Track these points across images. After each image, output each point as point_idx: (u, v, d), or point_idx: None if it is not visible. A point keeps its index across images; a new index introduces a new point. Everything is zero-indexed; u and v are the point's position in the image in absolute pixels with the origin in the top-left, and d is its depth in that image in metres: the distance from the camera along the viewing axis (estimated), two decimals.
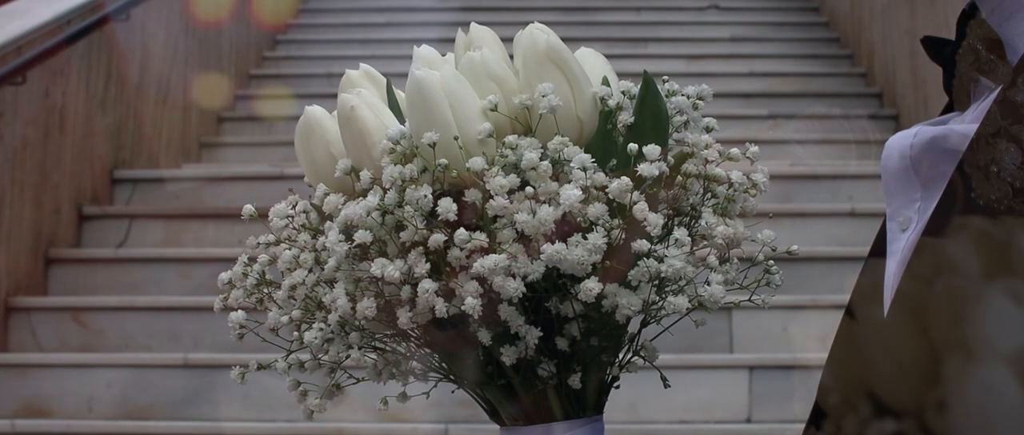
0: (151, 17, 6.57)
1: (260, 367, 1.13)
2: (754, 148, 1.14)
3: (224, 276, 1.14)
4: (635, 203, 0.98)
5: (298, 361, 1.14)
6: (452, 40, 1.23)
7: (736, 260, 1.08)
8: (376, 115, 1.08)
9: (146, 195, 6.26)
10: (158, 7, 6.67)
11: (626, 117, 1.05)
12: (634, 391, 5.14)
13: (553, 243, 0.97)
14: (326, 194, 1.09)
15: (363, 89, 1.11)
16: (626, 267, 1.02)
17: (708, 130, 1.13)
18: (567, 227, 1.00)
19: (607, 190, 0.99)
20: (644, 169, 0.99)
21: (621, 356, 1.12)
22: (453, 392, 1.16)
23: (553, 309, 1.03)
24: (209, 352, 4.97)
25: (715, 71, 8.00)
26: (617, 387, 1.14)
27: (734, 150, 1.11)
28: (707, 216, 1.04)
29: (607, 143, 1.09)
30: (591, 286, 0.97)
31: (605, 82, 1.12)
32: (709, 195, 1.09)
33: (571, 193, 0.97)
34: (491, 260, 0.98)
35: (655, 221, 0.98)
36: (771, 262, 1.10)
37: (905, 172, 1.47)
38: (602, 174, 1.02)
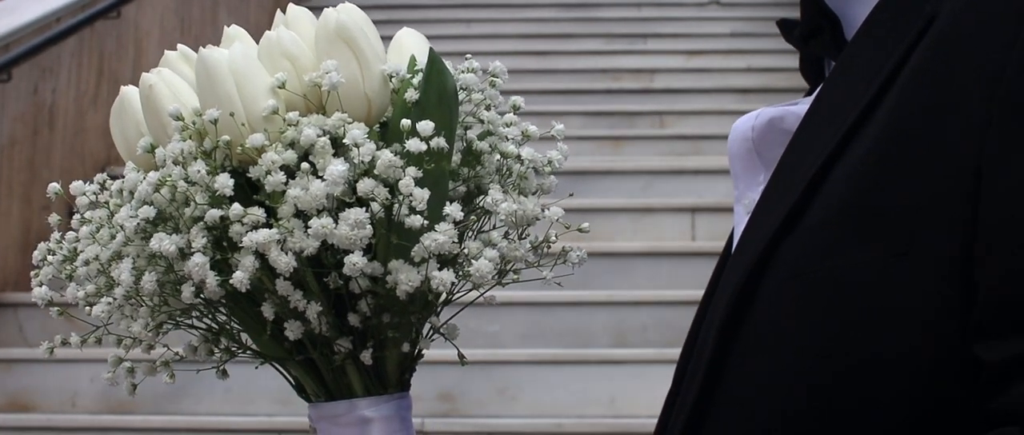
0: (145, 15, 6.61)
1: (64, 343, 1.15)
2: (559, 126, 1.14)
3: (37, 254, 1.16)
4: (400, 179, 0.99)
5: (119, 337, 1.17)
6: (455, 37, 1.23)
7: (529, 239, 1.09)
8: (174, 94, 1.10)
9: None
10: (152, 5, 6.71)
11: (412, 95, 1.06)
12: (614, 386, 5.15)
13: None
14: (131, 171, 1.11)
15: (165, 69, 1.13)
16: (412, 243, 1.03)
17: (516, 109, 1.14)
18: None
19: (375, 165, 1.00)
20: (412, 145, 1.00)
21: (425, 333, 1.13)
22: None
23: (332, 283, 1.04)
24: None
25: (714, 67, 7.99)
26: (416, 365, 1.15)
27: (532, 128, 1.12)
28: (493, 192, 1.05)
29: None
30: (355, 260, 0.98)
31: (412, 62, 1.12)
32: (507, 172, 1.10)
33: (335, 169, 0.98)
34: (262, 234, 0.99)
35: (420, 196, 0.99)
36: (571, 244, 1.10)
37: (748, 154, 1.46)
38: (388, 152, 1.03)
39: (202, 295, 1.06)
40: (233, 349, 1.17)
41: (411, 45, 1.17)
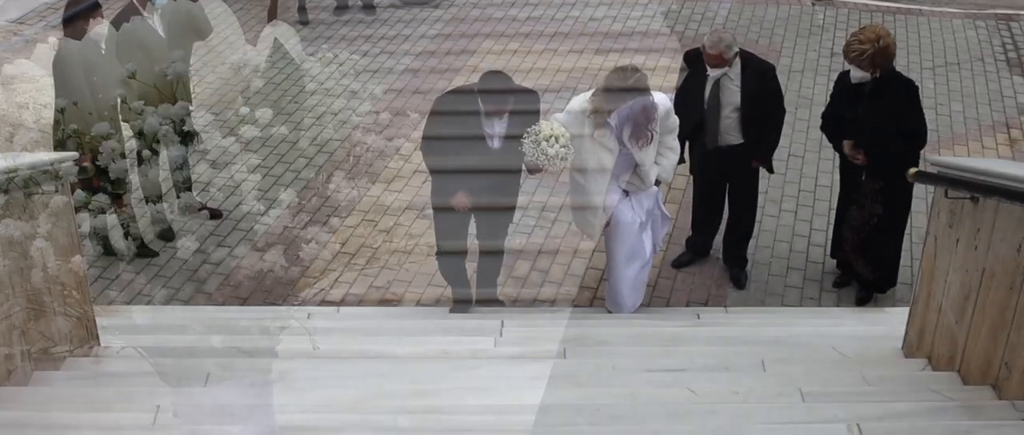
0: None
1: None
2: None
3: None
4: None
5: None
6: (450, 36, 1.26)
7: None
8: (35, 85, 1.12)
9: None
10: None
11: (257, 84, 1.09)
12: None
13: None
14: None
15: (28, 61, 1.15)
16: None
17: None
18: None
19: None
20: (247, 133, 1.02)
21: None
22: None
23: None
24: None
25: None
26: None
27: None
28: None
29: None
30: (188, 245, 1.01)
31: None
32: None
33: (176, 153, 1.01)
34: (101, 221, 1.02)
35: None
36: None
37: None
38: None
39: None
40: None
41: (286, 39, 1.19)
